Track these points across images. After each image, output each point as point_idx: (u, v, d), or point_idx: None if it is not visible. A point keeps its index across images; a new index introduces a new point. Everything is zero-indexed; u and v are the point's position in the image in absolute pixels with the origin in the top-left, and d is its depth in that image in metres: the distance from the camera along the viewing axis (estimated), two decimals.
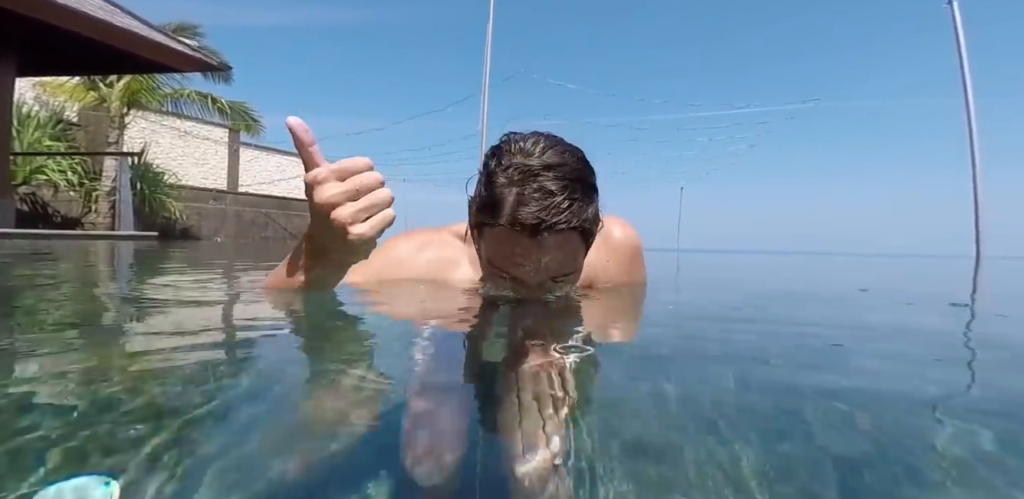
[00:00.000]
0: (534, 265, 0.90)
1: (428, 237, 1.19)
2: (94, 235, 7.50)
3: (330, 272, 0.78)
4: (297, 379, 0.53)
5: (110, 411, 0.40)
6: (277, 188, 15.17)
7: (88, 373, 0.50)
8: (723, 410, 0.45)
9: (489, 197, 0.89)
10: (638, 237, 1.22)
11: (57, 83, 9.86)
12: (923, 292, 2.13)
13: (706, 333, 0.86)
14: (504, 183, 0.88)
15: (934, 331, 1.00)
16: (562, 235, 0.88)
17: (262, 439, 0.36)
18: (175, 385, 0.47)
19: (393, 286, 1.08)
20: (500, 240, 0.90)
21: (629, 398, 0.47)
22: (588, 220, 0.91)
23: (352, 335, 0.73)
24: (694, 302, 1.40)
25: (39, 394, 0.44)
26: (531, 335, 0.74)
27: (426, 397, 0.44)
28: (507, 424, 0.38)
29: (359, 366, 0.56)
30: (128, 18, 6.36)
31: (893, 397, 0.50)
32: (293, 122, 0.63)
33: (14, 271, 1.94)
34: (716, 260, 5.51)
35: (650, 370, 0.60)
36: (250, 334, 0.73)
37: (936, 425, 0.43)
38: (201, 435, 0.36)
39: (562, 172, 0.88)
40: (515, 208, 0.86)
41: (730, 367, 0.60)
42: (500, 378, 0.51)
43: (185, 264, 2.57)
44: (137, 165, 9.53)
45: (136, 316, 0.88)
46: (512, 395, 0.43)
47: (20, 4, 4.98)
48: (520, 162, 0.88)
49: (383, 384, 0.49)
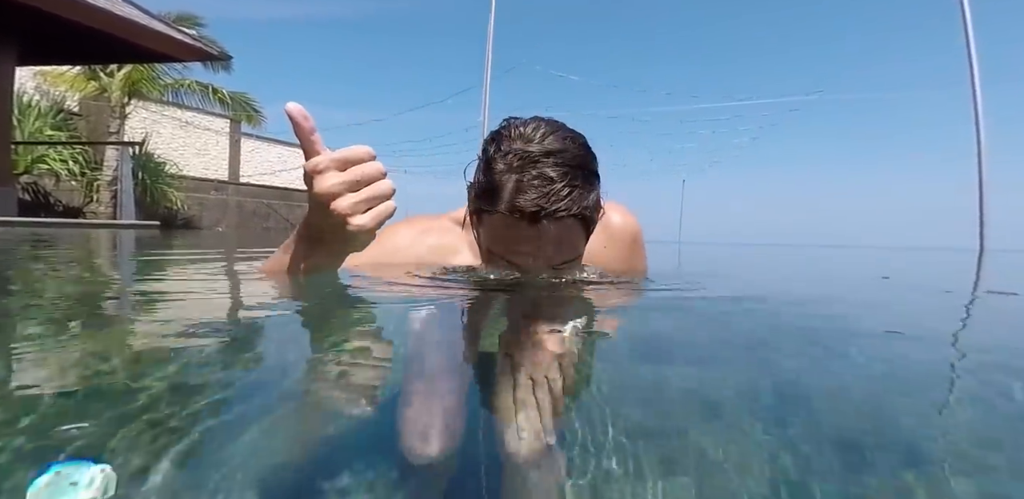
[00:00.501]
0: (534, 253, 0.89)
1: (428, 224, 1.18)
2: (95, 224, 7.52)
3: (327, 260, 0.77)
4: (292, 362, 0.53)
5: (103, 400, 0.40)
6: (279, 179, 15.14)
7: (82, 361, 0.50)
8: (726, 394, 0.45)
9: (488, 183, 0.88)
10: (638, 224, 1.20)
11: (58, 72, 9.82)
12: (945, 281, 2.13)
13: (730, 317, 0.86)
14: (503, 169, 0.87)
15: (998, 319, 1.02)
16: (562, 223, 0.86)
17: (258, 422, 0.36)
18: (167, 370, 0.46)
19: (392, 271, 1.08)
20: (499, 227, 0.89)
21: (627, 380, 0.47)
22: (589, 207, 0.89)
23: (349, 319, 0.73)
24: (728, 288, 1.40)
25: (31, 382, 0.44)
26: (529, 318, 0.74)
27: (422, 379, 0.44)
28: (502, 404, 0.38)
29: (355, 348, 0.56)
30: (129, 7, 6.32)
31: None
32: (292, 108, 0.61)
33: (14, 257, 1.94)
34: (723, 252, 5.50)
35: (650, 353, 0.59)
36: (243, 317, 0.72)
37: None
38: (194, 421, 0.36)
39: (563, 158, 0.86)
40: (514, 195, 0.84)
41: (753, 354, 0.60)
42: (497, 360, 0.51)
43: (185, 250, 2.57)
44: (138, 155, 9.52)
45: (132, 302, 0.88)
46: (508, 376, 0.43)
47: None
48: (520, 148, 0.87)
49: (380, 366, 0.49)
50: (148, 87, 10.35)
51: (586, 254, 1.04)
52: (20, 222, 5.59)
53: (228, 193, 12.75)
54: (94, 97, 10.12)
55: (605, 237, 1.12)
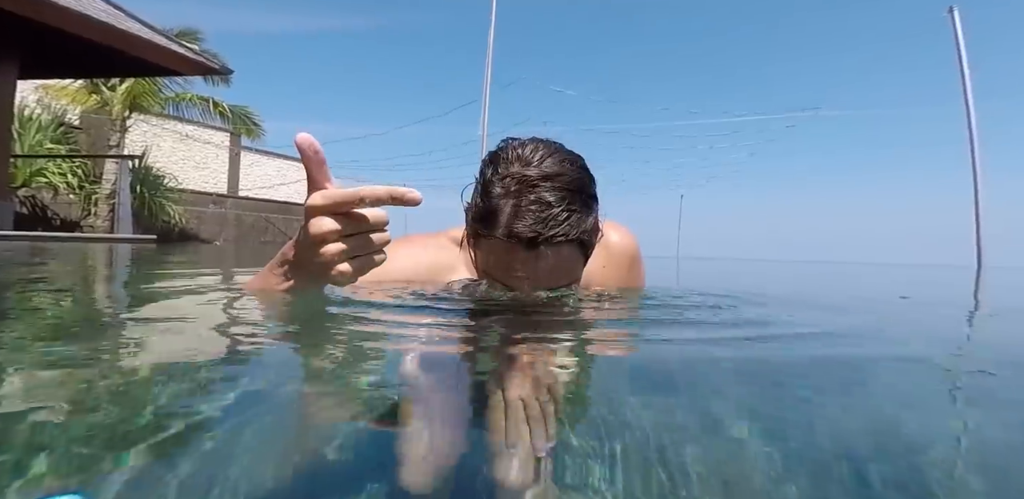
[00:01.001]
0: (531, 277, 0.88)
1: (425, 242, 1.18)
2: (91, 238, 7.48)
3: (308, 286, 0.74)
4: (287, 384, 0.51)
5: (96, 417, 0.39)
6: (277, 192, 15.18)
7: (71, 383, 0.48)
8: (723, 409, 0.43)
9: (485, 208, 0.87)
10: (636, 243, 1.20)
11: (60, 86, 9.87)
12: (968, 301, 2.08)
13: (740, 341, 0.81)
14: (500, 193, 0.86)
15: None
16: (560, 248, 0.86)
17: (253, 446, 0.36)
18: (160, 390, 0.46)
19: (388, 289, 1.06)
20: (496, 252, 0.89)
21: (619, 400, 0.46)
22: (587, 231, 0.89)
23: (343, 339, 0.71)
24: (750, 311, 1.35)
25: (21, 401, 0.43)
26: (524, 339, 0.72)
27: (419, 402, 0.43)
28: (495, 429, 0.37)
29: (350, 370, 0.55)
30: (131, 21, 6.37)
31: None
32: (302, 140, 0.57)
33: (8, 272, 1.90)
34: (724, 268, 5.46)
35: (644, 373, 0.58)
36: (236, 335, 0.69)
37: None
38: (187, 443, 0.36)
39: (561, 182, 0.86)
40: (512, 220, 0.84)
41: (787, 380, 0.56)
42: (491, 381, 0.50)
43: (181, 267, 2.53)
44: (137, 168, 9.53)
45: (125, 318, 0.85)
46: (499, 395, 0.42)
47: (24, 7, 4.99)
48: (517, 172, 0.86)
49: (375, 389, 0.48)
50: (149, 101, 10.41)
51: (585, 273, 1.03)
52: (14, 236, 5.55)
53: (227, 206, 12.75)
54: (95, 111, 10.16)
55: (604, 256, 1.12)
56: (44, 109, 9.62)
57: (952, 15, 10.11)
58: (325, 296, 0.86)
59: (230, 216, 12.71)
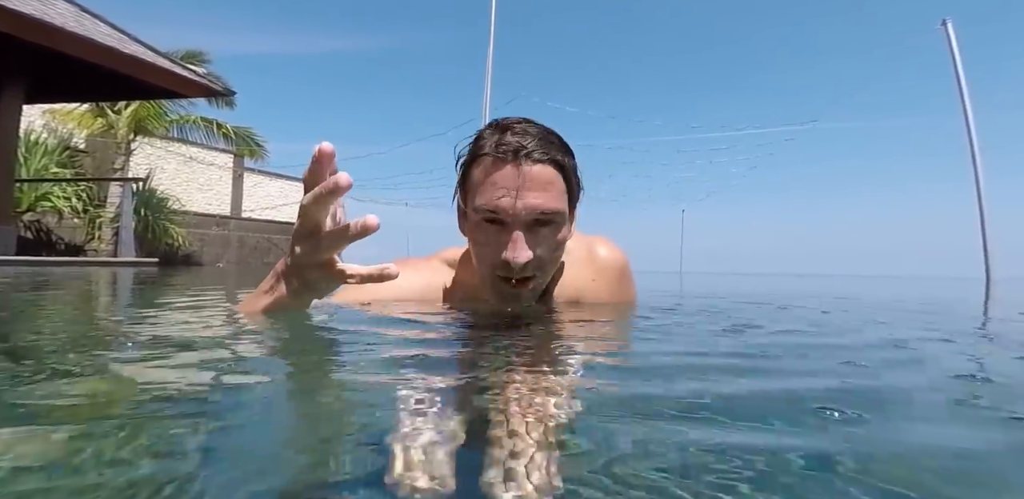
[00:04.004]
0: (516, 191, 0.95)
1: (417, 265, 1.22)
2: (93, 262, 7.45)
3: (302, 295, 0.78)
4: (282, 402, 0.52)
5: (94, 442, 0.38)
6: (280, 213, 15.20)
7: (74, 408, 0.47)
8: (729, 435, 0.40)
9: (474, 148, 1.01)
10: (625, 257, 1.23)
11: (66, 110, 9.97)
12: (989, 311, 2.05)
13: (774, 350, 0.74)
14: (487, 135, 1.00)
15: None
16: (541, 167, 0.96)
17: (246, 463, 0.36)
18: (156, 409, 0.46)
19: (385, 310, 1.08)
20: (482, 176, 0.98)
21: (620, 423, 0.45)
22: (567, 166, 1.00)
23: (338, 358, 0.70)
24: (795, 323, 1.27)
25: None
26: (523, 359, 0.71)
27: (412, 422, 0.42)
28: (492, 445, 0.37)
29: (344, 389, 0.55)
30: (136, 45, 6.43)
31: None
32: (325, 148, 0.63)
33: (9, 298, 1.85)
34: (736, 283, 5.36)
35: (647, 393, 0.55)
36: (230, 357, 0.66)
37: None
38: (185, 462, 0.35)
39: (541, 128, 1.01)
40: (498, 141, 0.97)
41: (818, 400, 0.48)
42: (488, 402, 0.49)
43: (178, 292, 2.48)
44: (141, 191, 9.54)
45: (122, 340, 0.80)
46: (498, 417, 0.42)
47: (29, 32, 5.03)
48: (502, 123, 1.01)
49: (370, 408, 0.49)
50: (154, 124, 10.50)
51: (575, 287, 1.13)
52: (16, 261, 5.51)
53: (230, 228, 12.76)
54: (100, 134, 10.23)
55: (593, 270, 1.18)
56: (51, 133, 9.69)
57: (945, 28, 10.15)
58: (323, 318, 0.88)
59: (233, 238, 12.71)
